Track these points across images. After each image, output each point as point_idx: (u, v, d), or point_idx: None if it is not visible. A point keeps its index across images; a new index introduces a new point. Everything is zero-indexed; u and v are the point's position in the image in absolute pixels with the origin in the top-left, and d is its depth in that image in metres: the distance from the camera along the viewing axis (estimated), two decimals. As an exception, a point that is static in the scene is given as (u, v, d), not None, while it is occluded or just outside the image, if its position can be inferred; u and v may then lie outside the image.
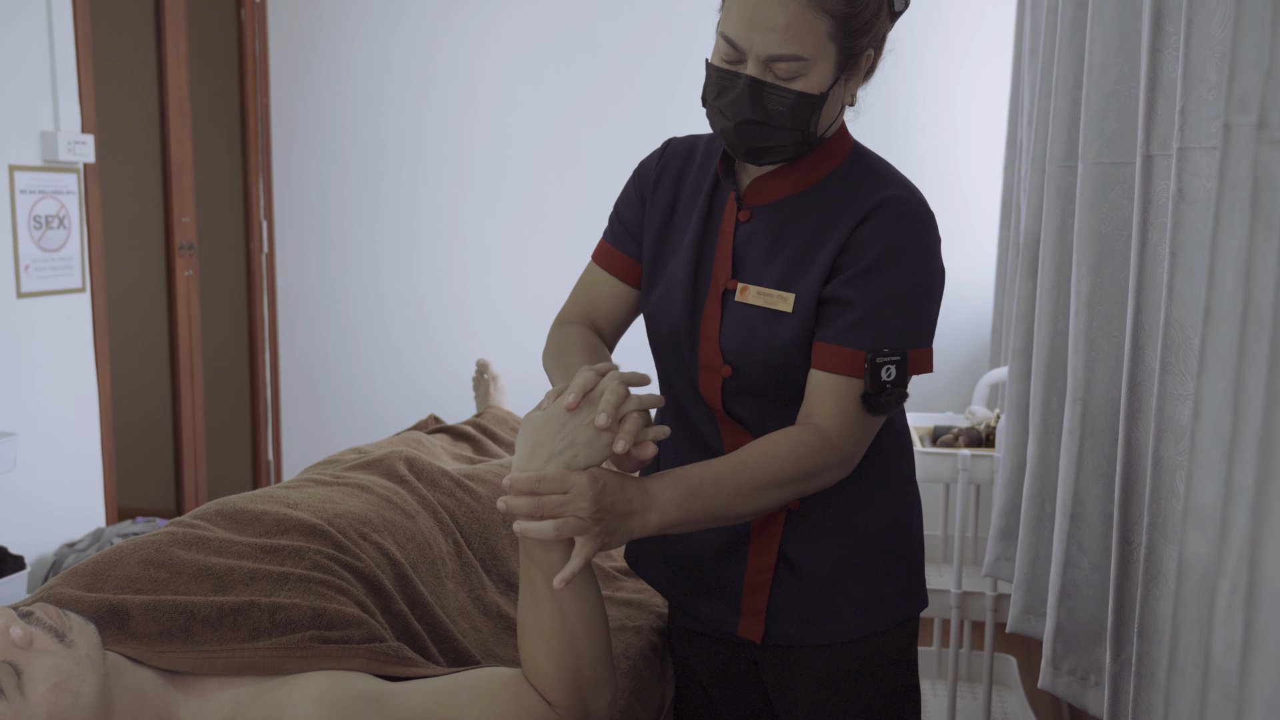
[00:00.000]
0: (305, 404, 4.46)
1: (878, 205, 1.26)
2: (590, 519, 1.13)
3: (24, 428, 3.15)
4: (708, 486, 1.21)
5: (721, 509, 1.22)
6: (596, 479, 1.14)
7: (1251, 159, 0.69)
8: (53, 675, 1.01)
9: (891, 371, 1.24)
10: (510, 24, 4.06)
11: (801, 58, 1.19)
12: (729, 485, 1.22)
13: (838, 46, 1.21)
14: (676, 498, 1.19)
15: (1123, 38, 1.43)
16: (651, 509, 1.18)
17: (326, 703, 1.12)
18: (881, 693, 1.41)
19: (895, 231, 1.25)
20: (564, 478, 1.14)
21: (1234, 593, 0.67)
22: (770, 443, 1.25)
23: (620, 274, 1.45)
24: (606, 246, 1.47)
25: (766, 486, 1.23)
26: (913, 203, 1.27)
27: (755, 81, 1.22)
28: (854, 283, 1.25)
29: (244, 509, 1.45)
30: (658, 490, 1.19)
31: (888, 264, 1.24)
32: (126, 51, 4.28)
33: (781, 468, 1.23)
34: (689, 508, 1.20)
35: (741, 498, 1.22)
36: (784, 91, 1.21)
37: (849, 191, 1.29)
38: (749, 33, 1.19)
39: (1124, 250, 1.45)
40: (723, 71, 1.24)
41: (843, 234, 1.26)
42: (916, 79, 3.70)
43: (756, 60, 1.20)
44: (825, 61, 1.21)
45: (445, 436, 2.19)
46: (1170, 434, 1.12)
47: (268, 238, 4.38)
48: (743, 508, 1.23)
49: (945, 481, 2.46)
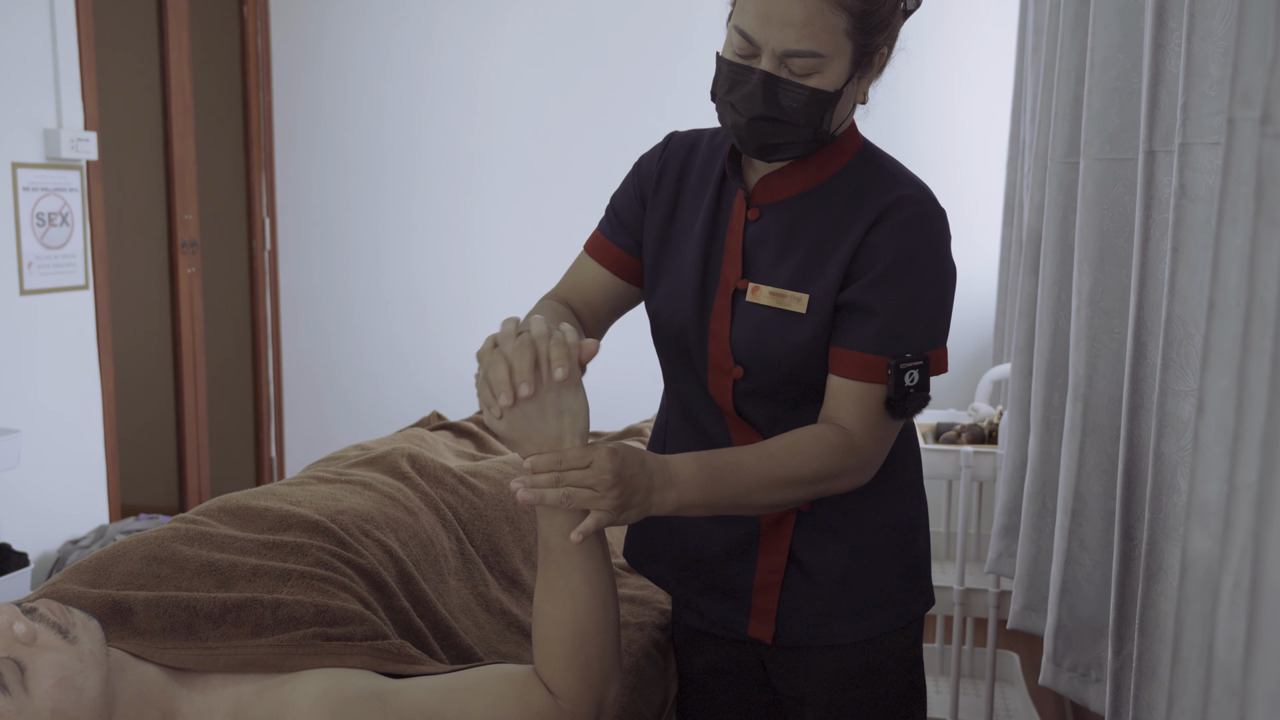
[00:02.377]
0: (308, 401, 4.46)
1: (891, 206, 1.25)
2: (606, 491, 1.12)
3: (27, 425, 3.16)
4: (730, 473, 1.20)
5: (740, 498, 1.21)
6: (616, 453, 1.14)
7: (1255, 154, 0.69)
8: (56, 671, 1.01)
9: (915, 376, 1.23)
10: (511, 20, 4.06)
11: (818, 54, 1.18)
12: (752, 475, 1.21)
13: (854, 44, 1.19)
14: (698, 479, 1.19)
15: (1125, 34, 1.43)
16: (671, 486, 1.17)
17: (328, 700, 1.11)
18: (889, 690, 1.41)
19: (911, 235, 1.24)
20: (585, 453, 1.13)
21: (1237, 588, 0.67)
22: (796, 439, 1.24)
23: (611, 266, 1.43)
24: (600, 238, 1.45)
25: (789, 482, 1.22)
26: (925, 202, 1.26)
27: (769, 77, 1.20)
28: (872, 288, 1.24)
29: (247, 505, 1.45)
30: (680, 468, 1.18)
31: (905, 268, 1.23)
32: (129, 49, 4.28)
33: (806, 464, 1.22)
34: (709, 491, 1.19)
35: (763, 489, 1.22)
36: (799, 88, 1.20)
37: (860, 190, 1.28)
38: (765, 27, 1.17)
39: (1126, 246, 1.45)
40: (735, 66, 1.22)
41: (857, 236, 1.25)
42: (920, 76, 3.69)
43: (771, 55, 1.19)
44: (841, 58, 1.19)
45: (448, 433, 2.19)
46: (1172, 430, 1.11)
47: (270, 234, 4.38)
48: (761, 499, 1.23)
49: (948, 478, 2.46)
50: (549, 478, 1.13)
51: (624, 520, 1.17)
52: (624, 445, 1.17)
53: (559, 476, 1.13)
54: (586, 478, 1.12)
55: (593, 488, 1.12)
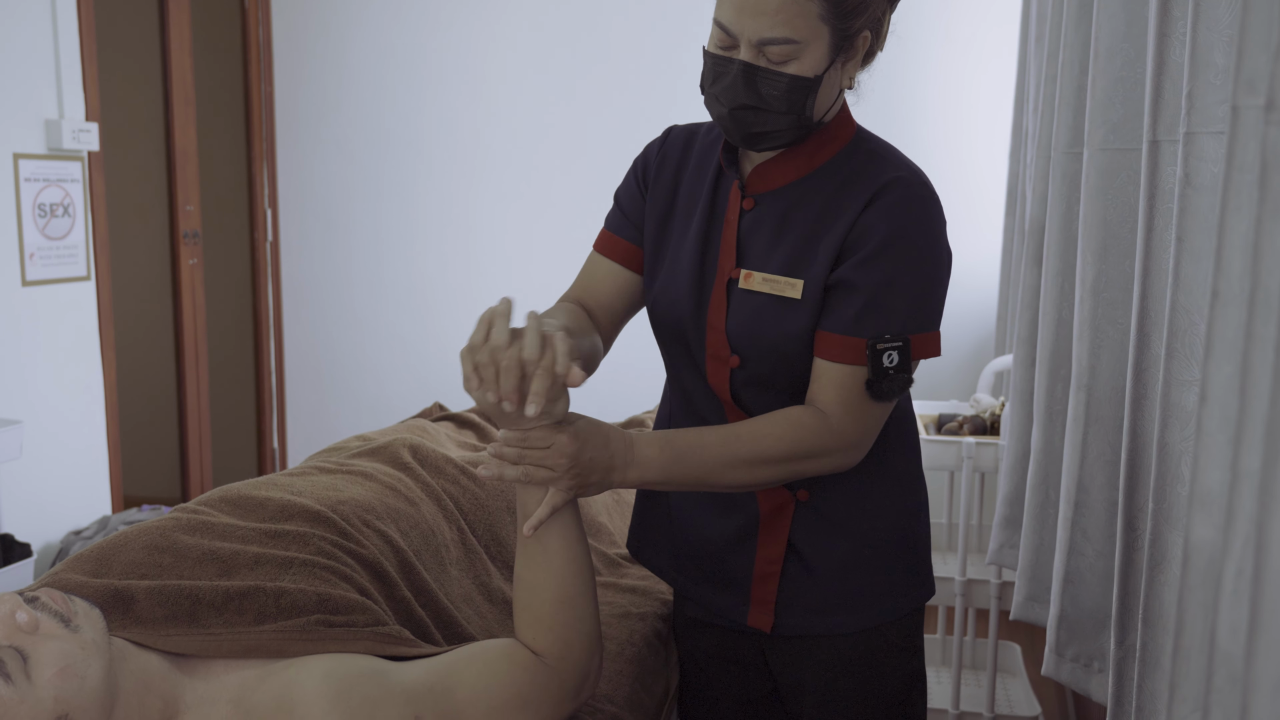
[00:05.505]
0: (310, 392, 4.46)
1: (882, 187, 1.25)
2: (563, 472, 1.18)
3: (29, 416, 3.16)
4: (694, 453, 1.24)
5: (705, 477, 1.25)
6: (577, 436, 1.19)
7: (1260, 141, 0.69)
8: (59, 660, 1.01)
9: (894, 358, 1.23)
10: (513, 11, 4.05)
11: (793, 40, 1.18)
12: (716, 455, 1.24)
13: (831, 29, 1.20)
14: (660, 459, 1.23)
15: (1129, 23, 1.43)
16: (632, 466, 1.23)
17: (334, 680, 1.13)
18: (889, 679, 1.41)
19: (899, 215, 1.24)
20: (546, 436, 1.18)
21: (1240, 577, 0.67)
22: (768, 420, 1.26)
23: (621, 259, 1.44)
24: (607, 234, 1.46)
25: (756, 462, 1.24)
26: (916, 185, 1.26)
27: (748, 66, 1.21)
28: (859, 267, 1.24)
29: (248, 495, 1.46)
30: (643, 448, 1.23)
31: (891, 248, 1.24)
32: (131, 39, 4.28)
33: (774, 445, 1.24)
34: (670, 471, 1.24)
35: (728, 469, 1.25)
36: (777, 75, 1.21)
37: (852, 175, 1.28)
38: (740, 17, 1.19)
39: (1129, 236, 1.44)
40: (717, 58, 1.24)
41: (849, 219, 1.25)
42: (922, 66, 3.68)
43: (749, 45, 1.20)
44: (818, 44, 1.20)
45: (450, 424, 2.19)
46: (1175, 420, 1.11)
47: (272, 226, 4.38)
48: (729, 479, 1.26)
49: (950, 469, 2.46)
50: (513, 453, 1.19)
51: (586, 494, 1.23)
52: (591, 425, 1.21)
53: (521, 454, 1.19)
54: (546, 458, 1.18)
55: (551, 468, 1.19)
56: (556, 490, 1.21)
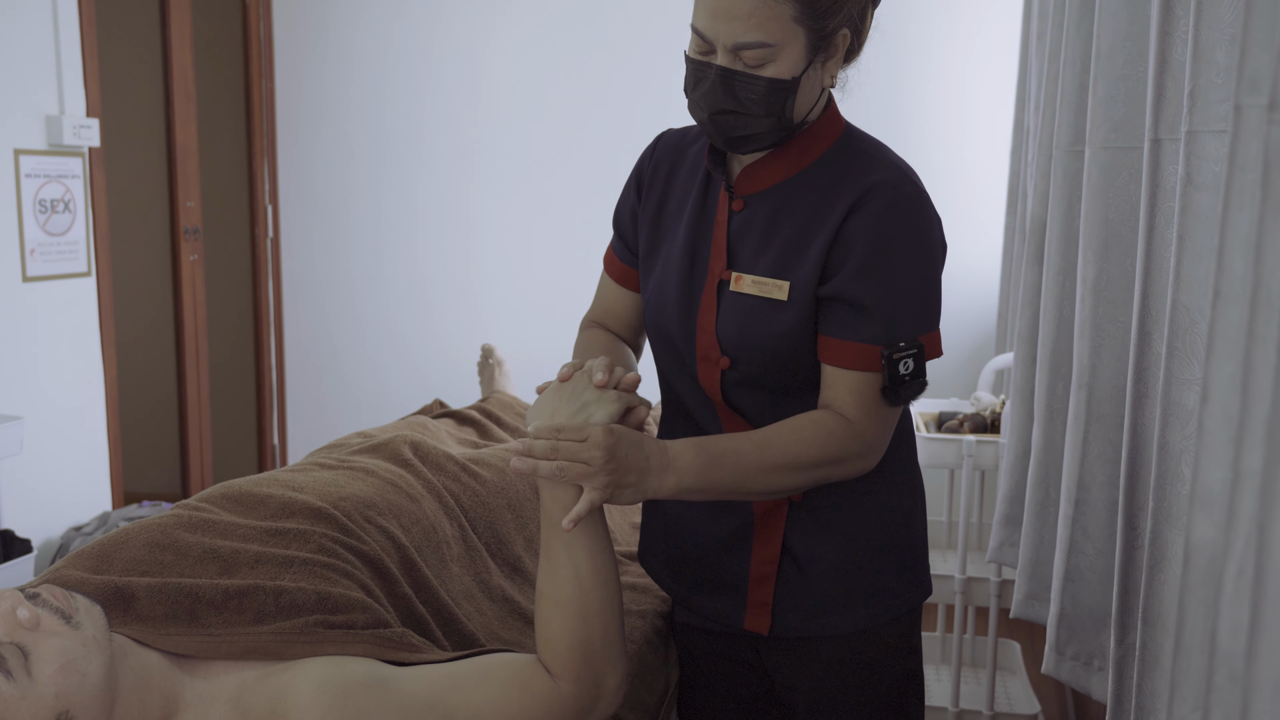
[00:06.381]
0: (310, 388, 4.46)
1: (865, 193, 1.24)
2: (599, 468, 1.16)
3: (30, 412, 3.16)
4: (730, 459, 1.23)
5: (739, 483, 1.24)
6: (613, 431, 1.17)
7: (1262, 140, 0.69)
8: (60, 656, 1.01)
9: (910, 364, 1.24)
10: (514, 7, 4.05)
11: (767, 44, 1.18)
12: (752, 461, 1.23)
13: (806, 30, 1.19)
14: (697, 465, 1.21)
15: (1131, 21, 1.42)
16: (670, 471, 1.20)
17: (329, 688, 1.11)
18: (885, 679, 1.41)
19: (887, 221, 1.23)
20: (583, 427, 1.18)
21: (1241, 576, 0.67)
22: (796, 424, 1.25)
23: (625, 282, 1.48)
24: (611, 256, 1.50)
25: (789, 467, 1.23)
26: (901, 185, 1.25)
27: (725, 71, 1.21)
28: (855, 280, 1.24)
29: (249, 492, 1.46)
30: (679, 453, 1.21)
31: (888, 256, 1.23)
32: (131, 35, 4.27)
33: (806, 450, 1.24)
34: (708, 477, 1.22)
35: (762, 475, 1.23)
36: (754, 79, 1.21)
37: (839, 175, 1.28)
38: (714, 23, 1.19)
39: (1131, 235, 1.44)
40: (696, 63, 1.24)
41: (834, 223, 1.25)
42: (923, 64, 3.68)
43: (724, 49, 1.20)
44: (794, 46, 1.20)
45: (450, 421, 2.19)
46: (1176, 419, 1.11)
47: (273, 222, 4.38)
48: (760, 485, 1.24)
49: (950, 467, 2.46)
50: (546, 446, 1.17)
51: (619, 500, 1.19)
52: (625, 428, 1.20)
53: (555, 446, 1.16)
54: (581, 451, 1.16)
55: (586, 462, 1.16)
56: (591, 489, 1.18)
